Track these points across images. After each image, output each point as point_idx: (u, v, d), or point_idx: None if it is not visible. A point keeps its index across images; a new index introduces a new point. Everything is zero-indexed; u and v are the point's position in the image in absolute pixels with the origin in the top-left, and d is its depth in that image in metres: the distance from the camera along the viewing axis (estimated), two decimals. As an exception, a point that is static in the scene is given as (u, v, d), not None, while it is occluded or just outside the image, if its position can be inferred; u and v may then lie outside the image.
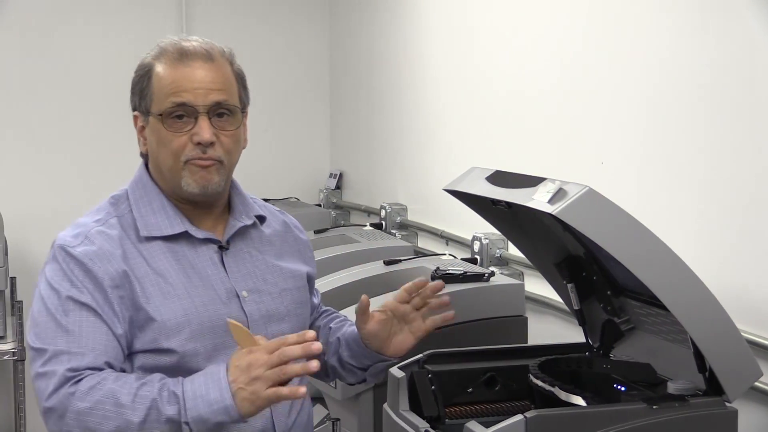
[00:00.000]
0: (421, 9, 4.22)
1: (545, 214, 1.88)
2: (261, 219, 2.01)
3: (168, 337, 1.80)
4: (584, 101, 3.02)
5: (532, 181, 1.96)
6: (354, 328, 2.03)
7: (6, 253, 4.10)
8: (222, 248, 1.91)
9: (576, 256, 2.23)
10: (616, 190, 2.42)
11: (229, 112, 1.87)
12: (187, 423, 1.67)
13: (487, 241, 3.42)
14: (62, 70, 5.02)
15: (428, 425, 2.04)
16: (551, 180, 1.91)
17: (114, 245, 1.82)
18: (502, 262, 3.42)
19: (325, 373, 2.09)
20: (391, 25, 4.55)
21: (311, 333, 1.69)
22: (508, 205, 2.07)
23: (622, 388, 2.08)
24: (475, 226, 3.28)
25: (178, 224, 1.88)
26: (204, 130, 1.82)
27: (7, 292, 4.23)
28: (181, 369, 1.78)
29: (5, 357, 4.04)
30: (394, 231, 4.33)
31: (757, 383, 2.12)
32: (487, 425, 1.84)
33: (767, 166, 2.28)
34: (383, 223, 4.39)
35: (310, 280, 2.08)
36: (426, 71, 4.18)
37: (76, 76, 5.04)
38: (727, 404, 1.94)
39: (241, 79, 1.93)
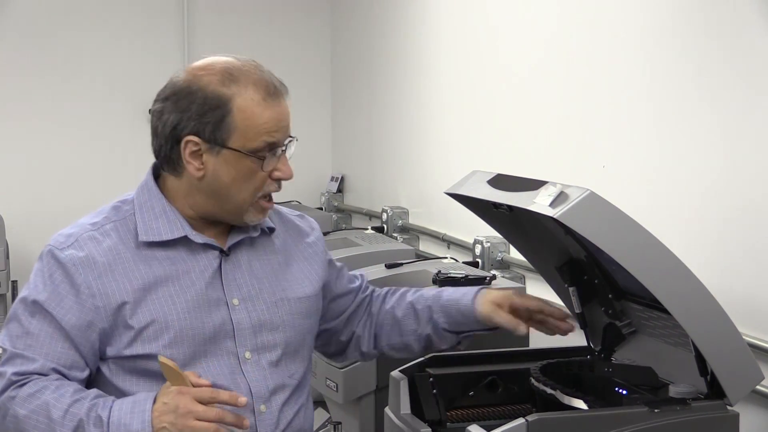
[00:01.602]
0: (422, 13, 4.22)
1: (547, 218, 1.87)
2: (271, 230, 1.98)
3: (145, 344, 1.78)
4: (586, 105, 3.02)
5: (533, 185, 1.96)
6: (444, 294, 2.09)
7: (7, 257, 4.10)
8: (222, 254, 1.89)
9: (577, 259, 2.23)
10: (618, 193, 2.42)
11: None
12: None
13: (488, 244, 3.42)
14: (64, 71, 5.02)
15: (429, 429, 2.04)
16: (553, 183, 1.91)
17: (101, 253, 1.81)
18: (504, 265, 3.42)
19: (409, 348, 2.12)
20: (393, 30, 4.55)
21: (243, 399, 1.69)
22: (510, 208, 2.07)
23: (624, 392, 2.08)
24: (477, 230, 3.28)
25: (177, 229, 1.85)
26: (288, 167, 1.86)
27: (9, 295, 4.22)
28: None
29: (7, 360, 4.04)
30: (395, 234, 4.33)
31: (758, 387, 2.11)
32: (488, 429, 1.84)
33: (769, 169, 2.29)
34: (385, 226, 4.39)
35: (331, 268, 2.08)
36: (427, 75, 4.18)
37: (79, 78, 5.04)
38: (729, 408, 1.94)
39: None
